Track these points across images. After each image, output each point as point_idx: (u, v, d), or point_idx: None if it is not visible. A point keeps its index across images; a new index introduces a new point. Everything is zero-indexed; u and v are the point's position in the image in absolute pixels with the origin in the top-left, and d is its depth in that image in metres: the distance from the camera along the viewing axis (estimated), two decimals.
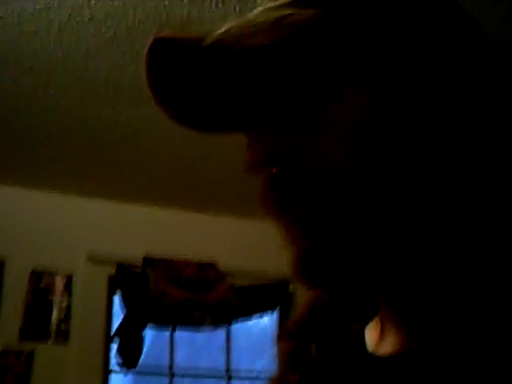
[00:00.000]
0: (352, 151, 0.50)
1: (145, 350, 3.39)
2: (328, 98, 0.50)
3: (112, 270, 3.42)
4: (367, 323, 0.62)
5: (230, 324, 3.64)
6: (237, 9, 2.04)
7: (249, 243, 3.67)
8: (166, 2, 2.03)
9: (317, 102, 0.51)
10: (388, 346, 0.55)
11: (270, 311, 3.72)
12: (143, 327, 3.39)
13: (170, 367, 3.58)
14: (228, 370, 3.70)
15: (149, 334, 3.51)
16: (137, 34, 2.19)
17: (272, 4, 0.52)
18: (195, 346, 4.03)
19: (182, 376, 3.65)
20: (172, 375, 3.58)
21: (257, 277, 3.65)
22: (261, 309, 3.69)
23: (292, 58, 0.51)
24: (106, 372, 3.36)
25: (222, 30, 0.51)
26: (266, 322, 3.88)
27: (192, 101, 0.55)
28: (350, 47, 0.51)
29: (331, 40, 0.51)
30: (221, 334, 3.71)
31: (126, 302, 3.38)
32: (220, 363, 3.72)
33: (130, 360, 3.31)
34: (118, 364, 3.30)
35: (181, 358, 3.67)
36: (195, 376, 3.68)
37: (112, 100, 2.58)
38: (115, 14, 2.09)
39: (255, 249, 3.56)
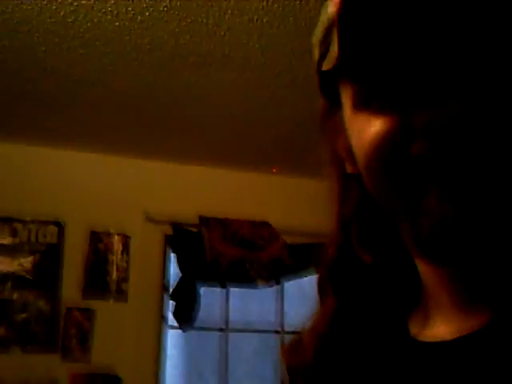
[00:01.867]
0: None
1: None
2: None
3: (168, 229, 3.48)
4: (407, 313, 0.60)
5: (282, 282, 3.68)
6: None
7: (302, 201, 3.68)
8: None
9: None
10: (445, 333, 0.53)
11: None
12: (199, 288, 3.46)
13: (226, 323, 3.67)
14: (282, 326, 3.77)
15: (203, 289, 3.57)
16: (191, 3, 2.18)
17: None
18: (248, 302, 4.09)
19: (236, 332, 3.74)
20: (226, 331, 3.67)
21: (310, 235, 3.66)
22: (314, 266, 3.70)
23: None
24: (163, 328, 3.46)
25: None
26: None
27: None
28: None
29: None
30: (273, 290, 3.75)
31: (181, 263, 3.45)
32: (273, 319, 3.78)
33: (186, 321, 3.40)
34: (175, 324, 3.39)
35: (234, 314, 3.74)
36: (248, 331, 3.75)
37: (167, 66, 2.59)
38: None
39: (308, 207, 3.56)
